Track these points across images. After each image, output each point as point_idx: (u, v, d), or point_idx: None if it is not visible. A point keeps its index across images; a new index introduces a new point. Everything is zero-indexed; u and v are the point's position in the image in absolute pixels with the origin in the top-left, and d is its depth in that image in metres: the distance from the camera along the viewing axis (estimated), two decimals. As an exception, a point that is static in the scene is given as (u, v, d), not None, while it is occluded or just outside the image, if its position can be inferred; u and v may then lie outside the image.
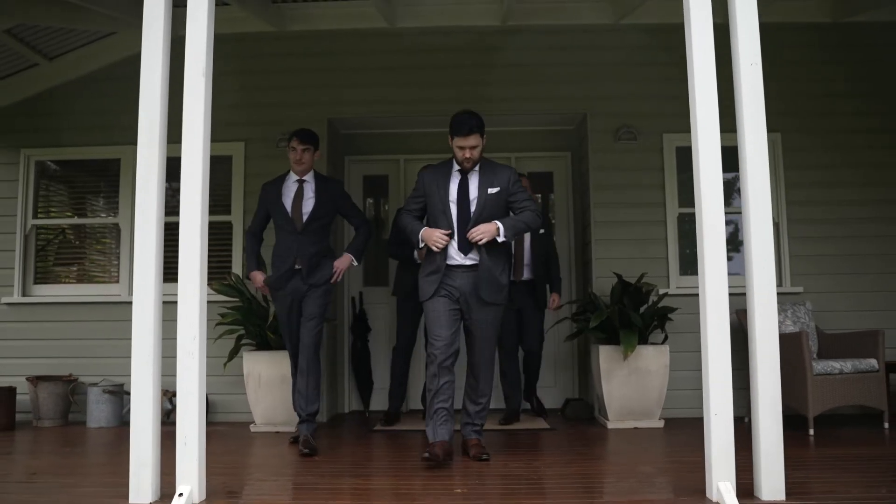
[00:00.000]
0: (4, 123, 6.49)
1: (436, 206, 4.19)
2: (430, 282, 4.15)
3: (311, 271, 4.65)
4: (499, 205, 4.16)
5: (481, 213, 4.10)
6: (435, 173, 4.26)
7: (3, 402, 5.73)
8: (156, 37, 3.48)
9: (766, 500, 3.15)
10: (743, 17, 3.41)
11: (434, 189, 4.19)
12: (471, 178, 4.18)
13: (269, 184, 4.85)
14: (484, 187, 4.13)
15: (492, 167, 4.23)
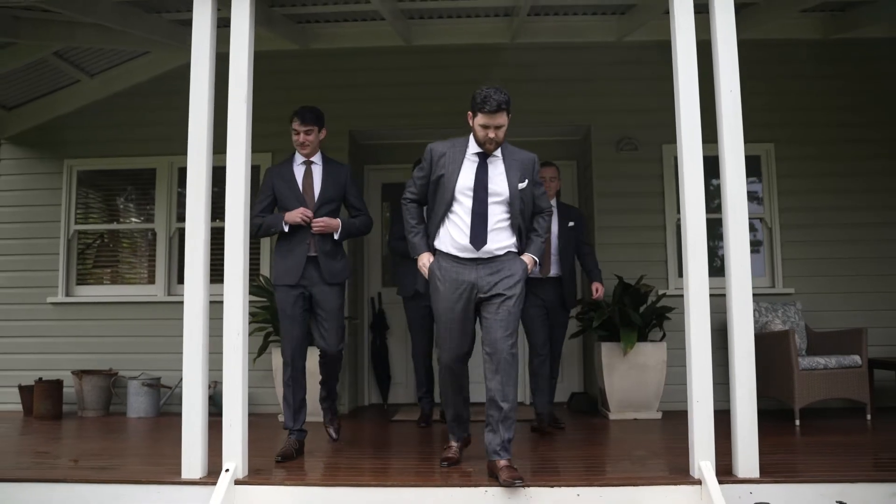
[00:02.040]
0: (49, 136, 6.99)
1: (445, 191, 3.71)
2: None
3: (327, 261, 4.35)
4: (527, 200, 3.78)
5: (508, 212, 3.70)
6: (448, 150, 3.77)
7: (52, 393, 6.23)
8: (202, 67, 3.94)
9: (742, 478, 3.57)
10: (724, 50, 3.85)
11: (445, 169, 3.72)
12: (491, 165, 3.71)
13: (275, 167, 4.59)
14: (513, 179, 3.70)
15: (512, 152, 3.78)
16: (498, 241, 3.69)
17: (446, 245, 3.74)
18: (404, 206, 3.94)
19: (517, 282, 3.69)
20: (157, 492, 3.64)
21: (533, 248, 3.82)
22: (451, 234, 3.71)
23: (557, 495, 3.52)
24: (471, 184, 3.67)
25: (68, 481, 3.77)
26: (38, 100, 6.98)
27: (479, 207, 3.64)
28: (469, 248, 3.66)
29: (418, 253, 3.84)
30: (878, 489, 3.52)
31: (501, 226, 3.71)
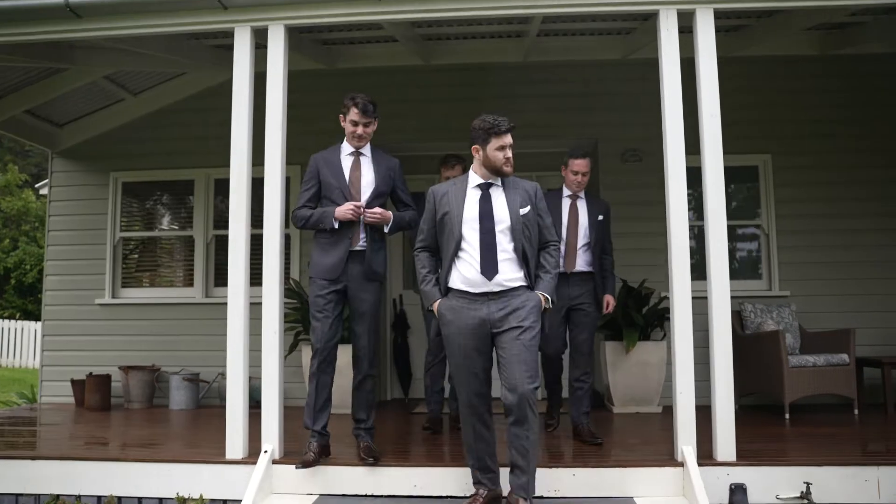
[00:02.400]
0: (97, 150, 7.59)
1: (452, 227, 3.64)
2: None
3: (371, 254, 4.22)
4: (531, 227, 3.68)
5: (512, 239, 3.61)
6: (449, 188, 3.76)
7: (101, 387, 6.81)
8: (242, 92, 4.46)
9: (721, 461, 4.02)
10: (706, 78, 4.25)
11: (449, 206, 3.68)
12: (494, 194, 3.67)
13: (321, 154, 4.37)
14: (514, 206, 3.64)
15: (514, 181, 3.75)
16: (507, 272, 3.57)
17: (457, 282, 3.62)
18: (416, 256, 3.85)
19: (531, 311, 3.56)
20: (205, 469, 4.17)
21: (543, 285, 3.66)
22: (461, 270, 3.60)
23: (556, 474, 4.00)
24: (476, 214, 3.60)
25: (125, 460, 4.31)
26: (86, 117, 7.58)
27: (486, 237, 3.57)
28: (480, 280, 3.55)
29: (431, 301, 3.72)
30: (842, 471, 3.94)
31: (509, 256, 3.59)
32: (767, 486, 3.94)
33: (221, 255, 7.18)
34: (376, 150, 4.40)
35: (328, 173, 4.26)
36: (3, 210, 20.57)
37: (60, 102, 7.12)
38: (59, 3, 4.38)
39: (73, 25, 4.56)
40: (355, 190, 4.21)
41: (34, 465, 4.33)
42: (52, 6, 4.40)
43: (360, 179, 4.24)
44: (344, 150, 4.34)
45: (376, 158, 4.36)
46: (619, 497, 3.95)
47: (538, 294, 3.63)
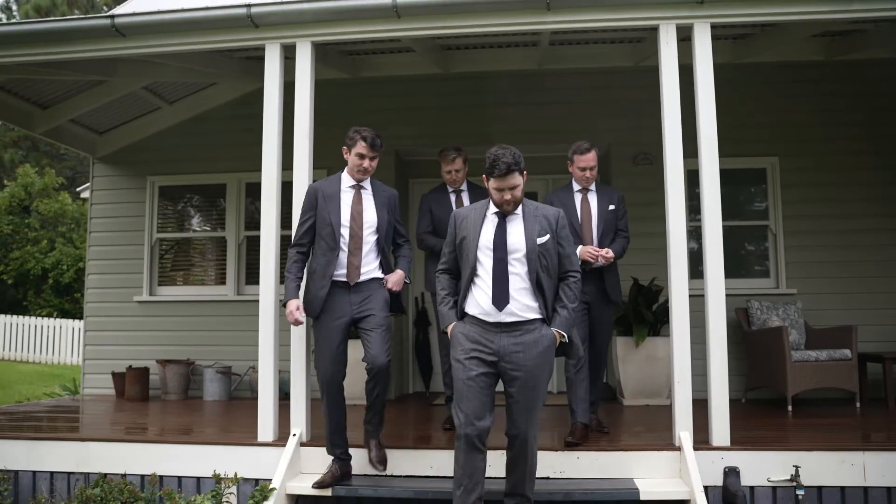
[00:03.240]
0: (135, 155, 8.03)
1: (468, 253, 3.59)
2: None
3: (369, 293, 4.19)
4: (549, 256, 3.57)
5: (528, 269, 3.52)
6: (469, 213, 3.70)
7: (140, 379, 7.25)
8: (272, 105, 4.84)
9: (715, 445, 4.30)
10: (703, 88, 4.54)
11: (467, 231, 3.62)
12: (510, 223, 3.57)
13: (320, 185, 4.28)
14: (531, 234, 3.54)
15: (535, 208, 3.64)
16: (521, 302, 3.49)
17: (472, 309, 3.57)
18: (437, 277, 3.82)
19: (541, 354, 3.51)
20: (239, 451, 4.55)
21: (559, 321, 3.56)
22: (476, 297, 3.55)
23: (562, 458, 4.32)
24: (490, 242, 3.53)
25: (166, 443, 4.71)
26: (125, 125, 8.03)
27: (499, 266, 3.50)
28: (492, 309, 3.49)
29: (447, 323, 3.67)
30: (830, 456, 4.21)
31: (523, 286, 3.51)
32: (759, 470, 4.22)
33: (252, 255, 7.59)
34: (375, 182, 4.34)
35: (325, 208, 4.17)
36: (41, 212, 21.27)
37: (101, 111, 7.58)
38: (107, 25, 4.79)
39: (119, 44, 4.97)
40: (357, 226, 4.15)
41: (84, 446, 4.74)
42: (99, 27, 4.82)
43: (361, 215, 4.18)
44: (344, 182, 4.26)
45: (376, 191, 4.31)
46: (619, 478, 4.25)
47: (553, 331, 3.54)
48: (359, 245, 4.14)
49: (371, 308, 4.14)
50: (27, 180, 21.47)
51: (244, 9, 4.72)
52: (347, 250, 4.13)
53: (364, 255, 4.16)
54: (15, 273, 20.25)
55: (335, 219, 4.14)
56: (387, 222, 4.27)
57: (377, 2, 4.62)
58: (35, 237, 20.81)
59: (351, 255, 4.13)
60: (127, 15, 4.83)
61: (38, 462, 4.74)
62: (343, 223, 4.15)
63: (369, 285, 4.19)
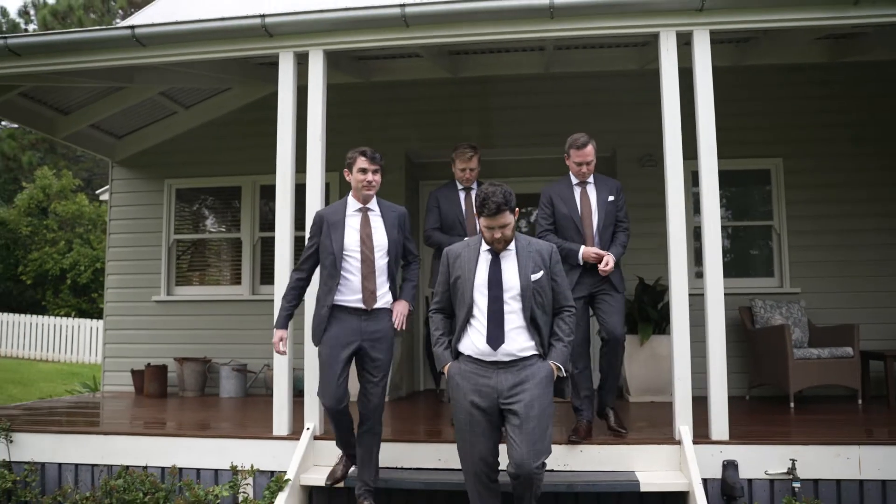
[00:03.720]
0: (153, 159, 8.25)
1: (463, 293, 3.55)
2: None
3: (380, 326, 4.09)
4: (544, 292, 3.56)
5: (523, 307, 3.49)
6: (463, 251, 3.65)
7: (159, 376, 7.46)
8: (286, 111, 5.02)
9: (715, 440, 4.44)
10: (702, 93, 4.68)
11: (461, 270, 3.59)
12: (504, 260, 3.55)
13: (326, 213, 4.20)
14: (526, 271, 3.52)
15: (528, 243, 3.62)
16: (517, 341, 3.47)
17: (467, 349, 3.53)
18: (430, 317, 3.79)
19: (539, 384, 3.45)
20: (255, 444, 4.73)
21: (555, 354, 3.55)
22: (472, 337, 3.51)
23: (565, 451, 4.47)
24: (485, 281, 3.50)
25: (185, 436, 4.90)
26: (142, 129, 8.25)
27: (494, 305, 3.47)
28: (487, 350, 3.46)
29: (443, 364, 3.63)
30: (826, 450, 4.34)
31: (518, 324, 3.49)
32: (757, 463, 4.35)
33: (267, 256, 7.79)
34: (382, 202, 4.23)
35: (328, 235, 4.07)
36: (59, 213, 21.63)
37: (120, 116, 7.80)
38: (127, 35, 4.99)
39: (138, 53, 5.17)
40: (368, 249, 4.05)
41: (106, 440, 4.94)
42: (120, 38, 5.02)
43: (371, 238, 4.07)
44: (350, 207, 4.15)
45: (384, 211, 4.19)
46: (621, 471, 4.40)
47: (550, 364, 3.53)
48: (372, 269, 4.03)
49: (379, 349, 4.06)
50: (45, 182, 21.86)
51: (259, 19, 4.90)
52: (361, 275, 4.02)
53: (378, 278, 4.05)
54: (34, 274, 20.63)
55: (338, 246, 4.02)
56: (397, 243, 4.18)
57: (387, 12, 4.79)
58: (53, 238, 21.18)
59: (365, 279, 4.02)
60: (146, 25, 5.03)
61: (63, 455, 4.94)
62: (351, 248, 4.04)
63: (382, 316, 4.10)
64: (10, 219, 21.14)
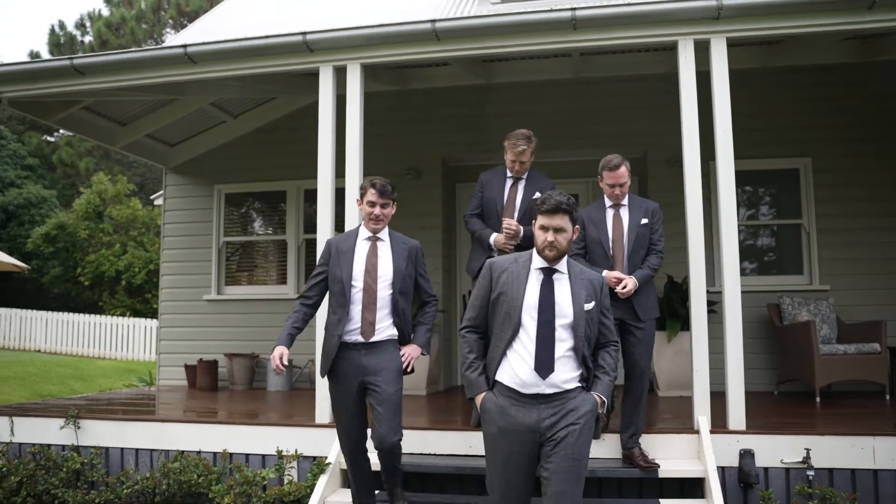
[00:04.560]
0: (203, 166, 8.73)
1: (510, 314, 3.21)
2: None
3: (382, 358, 3.95)
4: (592, 325, 3.26)
5: (573, 337, 3.18)
6: (510, 265, 3.33)
7: (210, 371, 7.91)
8: (326, 121, 5.38)
9: (732, 429, 4.65)
10: (719, 99, 4.89)
11: (508, 286, 3.25)
12: (557, 282, 3.24)
13: (336, 239, 4.16)
14: (579, 299, 3.21)
15: (580, 270, 3.31)
16: (564, 372, 3.15)
17: (506, 377, 3.20)
18: (462, 336, 3.42)
19: (582, 417, 3.11)
20: (299, 432, 5.09)
21: (600, 387, 3.24)
22: (513, 364, 3.17)
23: (588, 440, 4.71)
24: (536, 301, 3.19)
25: (235, 424, 5.29)
26: (193, 137, 8.73)
27: (544, 330, 3.15)
28: (533, 379, 3.11)
29: (476, 392, 3.29)
30: (841, 440, 4.51)
31: (567, 354, 3.17)
32: (773, 452, 4.55)
33: (311, 257, 8.18)
34: (394, 234, 4.13)
35: (337, 264, 4.01)
36: (114, 217, 22.53)
37: (172, 126, 8.28)
38: (180, 54, 5.41)
39: (189, 69, 5.59)
40: (371, 279, 3.94)
41: (163, 427, 5.36)
42: (173, 56, 5.44)
43: (376, 268, 3.96)
44: (361, 235, 4.09)
45: (395, 243, 4.09)
46: (641, 458, 4.63)
47: (594, 396, 3.20)
48: (373, 299, 3.91)
49: (382, 380, 3.90)
50: (101, 187, 22.78)
51: (300, 36, 5.27)
52: (362, 305, 3.92)
53: (379, 310, 3.93)
54: (91, 275, 21.54)
55: (346, 274, 3.95)
56: (404, 275, 4.03)
57: (419, 27, 5.11)
58: (109, 241, 22.07)
59: (366, 309, 3.92)
60: (197, 44, 5.44)
61: (124, 440, 5.38)
62: (356, 277, 3.95)
63: (384, 347, 3.96)
64: (69, 223, 22.08)
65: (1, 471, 5.08)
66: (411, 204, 7.95)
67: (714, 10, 4.81)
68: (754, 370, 7.22)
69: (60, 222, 22.05)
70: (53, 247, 22.08)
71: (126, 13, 27.71)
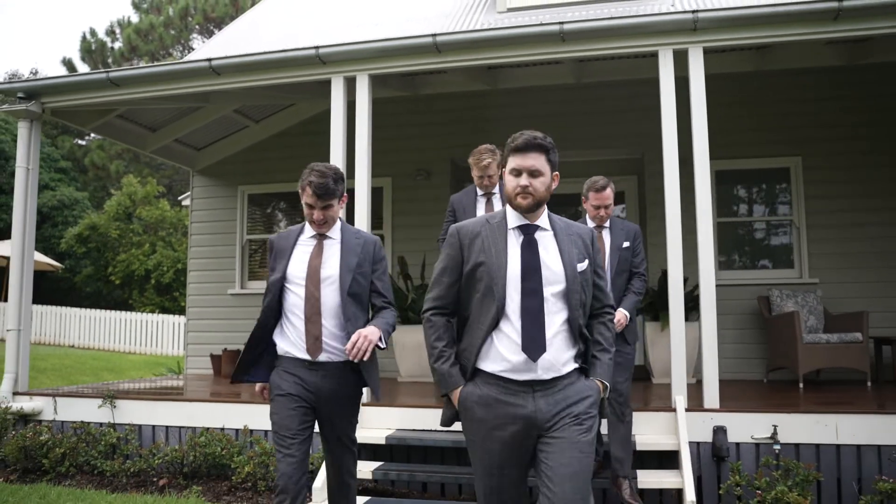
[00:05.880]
0: (227, 168, 9.29)
1: (492, 288, 2.61)
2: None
3: (337, 385, 3.26)
4: (587, 288, 2.72)
5: (567, 307, 2.62)
6: (482, 228, 2.73)
7: (234, 360, 8.45)
8: (338, 127, 5.88)
9: (707, 408, 5.07)
10: (696, 104, 5.31)
11: (485, 255, 2.65)
12: (540, 240, 2.67)
13: (276, 240, 3.44)
14: (569, 258, 2.67)
15: (566, 225, 2.76)
16: (560, 351, 2.59)
17: (492, 364, 2.61)
18: (427, 320, 2.75)
19: (590, 408, 2.60)
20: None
21: (600, 369, 2.70)
22: (499, 346, 2.59)
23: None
24: (518, 270, 2.60)
25: (255, 403, 5.79)
26: (218, 141, 9.30)
27: (530, 301, 2.57)
28: (523, 362, 2.55)
29: (451, 387, 2.66)
30: (806, 418, 4.90)
31: (560, 328, 2.60)
32: (744, 429, 4.95)
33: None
34: (348, 229, 3.42)
35: (273, 262, 3.36)
36: (143, 218, 23.32)
37: (199, 131, 8.85)
38: (205, 67, 5.94)
39: (214, 80, 6.13)
40: (313, 284, 3.23)
41: (191, 406, 5.89)
42: (200, 69, 5.98)
43: (318, 270, 3.27)
44: (306, 232, 3.41)
45: (346, 239, 3.37)
46: (622, 433, 5.07)
47: (596, 383, 2.68)
48: (316, 309, 3.20)
49: (337, 414, 3.30)
50: (131, 189, 23.59)
51: (314, 50, 5.78)
52: (304, 317, 3.22)
53: (325, 322, 3.21)
54: (122, 274, 22.33)
55: (279, 276, 3.29)
56: (358, 277, 3.31)
57: (421, 41, 5.59)
58: (138, 241, 22.86)
59: (309, 322, 3.20)
60: (220, 58, 5.97)
61: (155, 418, 5.92)
62: (295, 282, 3.26)
63: (337, 373, 3.26)
64: (101, 224, 22.90)
65: (47, 443, 5.66)
66: (422, 203, 8.46)
67: (691, 22, 5.24)
68: (746, 359, 7.62)
69: (92, 223, 22.86)
70: (86, 247, 22.90)
71: (154, 19, 28.56)
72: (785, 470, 4.66)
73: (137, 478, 5.52)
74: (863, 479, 4.77)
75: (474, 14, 8.03)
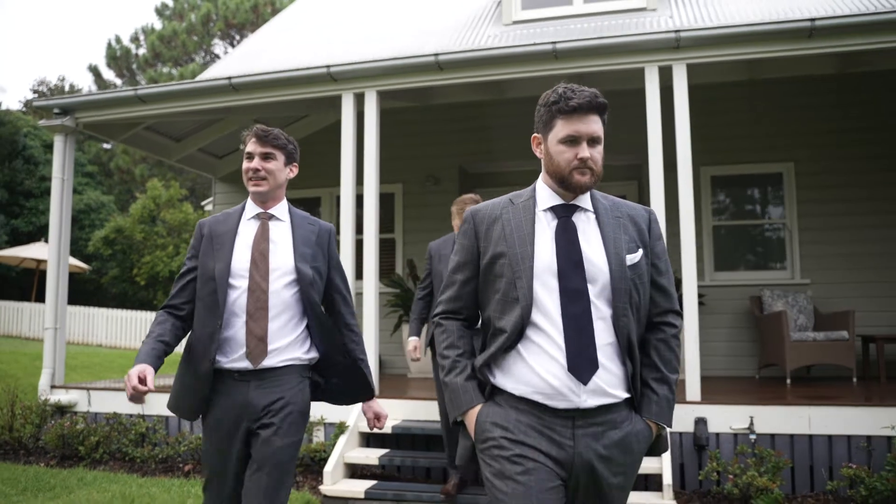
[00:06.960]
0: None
1: (518, 281, 2.04)
2: None
3: (281, 394, 2.66)
4: (642, 287, 2.10)
5: (614, 309, 2.03)
6: (501, 212, 2.18)
7: (253, 357, 8.94)
8: (348, 140, 6.32)
9: (689, 400, 5.44)
10: (680, 117, 5.69)
11: (506, 244, 2.09)
12: (580, 223, 2.09)
13: (209, 222, 2.86)
14: (616, 246, 2.07)
15: (614, 204, 2.17)
16: (609, 371, 2.01)
17: (519, 383, 2.04)
18: (438, 326, 2.23)
19: (635, 463, 2.07)
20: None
21: (657, 407, 2.08)
22: (531, 362, 2.01)
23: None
24: (552, 261, 2.03)
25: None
26: (238, 150, 9.78)
27: (573, 305, 2.00)
28: (568, 385, 1.96)
29: (465, 407, 2.10)
30: (781, 409, 5.27)
31: (608, 340, 2.03)
32: (724, 420, 5.33)
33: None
34: (297, 212, 2.93)
35: (210, 254, 2.75)
36: (166, 221, 23.99)
37: (220, 141, 9.35)
38: (225, 84, 6.41)
39: (233, 97, 6.60)
40: (260, 274, 2.69)
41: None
42: (220, 87, 6.45)
43: (266, 257, 2.72)
44: (246, 213, 2.85)
45: (297, 223, 2.86)
46: (610, 424, 5.45)
47: (649, 425, 2.08)
48: (263, 303, 2.67)
49: (274, 426, 2.64)
50: (155, 193, 24.26)
51: (325, 69, 6.22)
52: (246, 314, 2.67)
53: (272, 320, 2.68)
54: (146, 276, 23.01)
55: (222, 267, 2.70)
56: (314, 270, 2.79)
57: (424, 60, 6.02)
58: (162, 243, 23.53)
59: (251, 319, 2.66)
60: (239, 76, 6.45)
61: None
62: (237, 272, 2.71)
63: (285, 378, 2.69)
64: (126, 226, 23.60)
65: (83, 432, 6.16)
66: (431, 208, 8.89)
67: (673, 41, 5.62)
68: (740, 357, 7.96)
69: (118, 226, 23.56)
70: (112, 249, 23.60)
71: (177, 26, 29.26)
72: (759, 457, 5.03)
73: (165, 464, 6.01)
74: (833, 466, 5.13)
75: (481, 26, 8.45)
